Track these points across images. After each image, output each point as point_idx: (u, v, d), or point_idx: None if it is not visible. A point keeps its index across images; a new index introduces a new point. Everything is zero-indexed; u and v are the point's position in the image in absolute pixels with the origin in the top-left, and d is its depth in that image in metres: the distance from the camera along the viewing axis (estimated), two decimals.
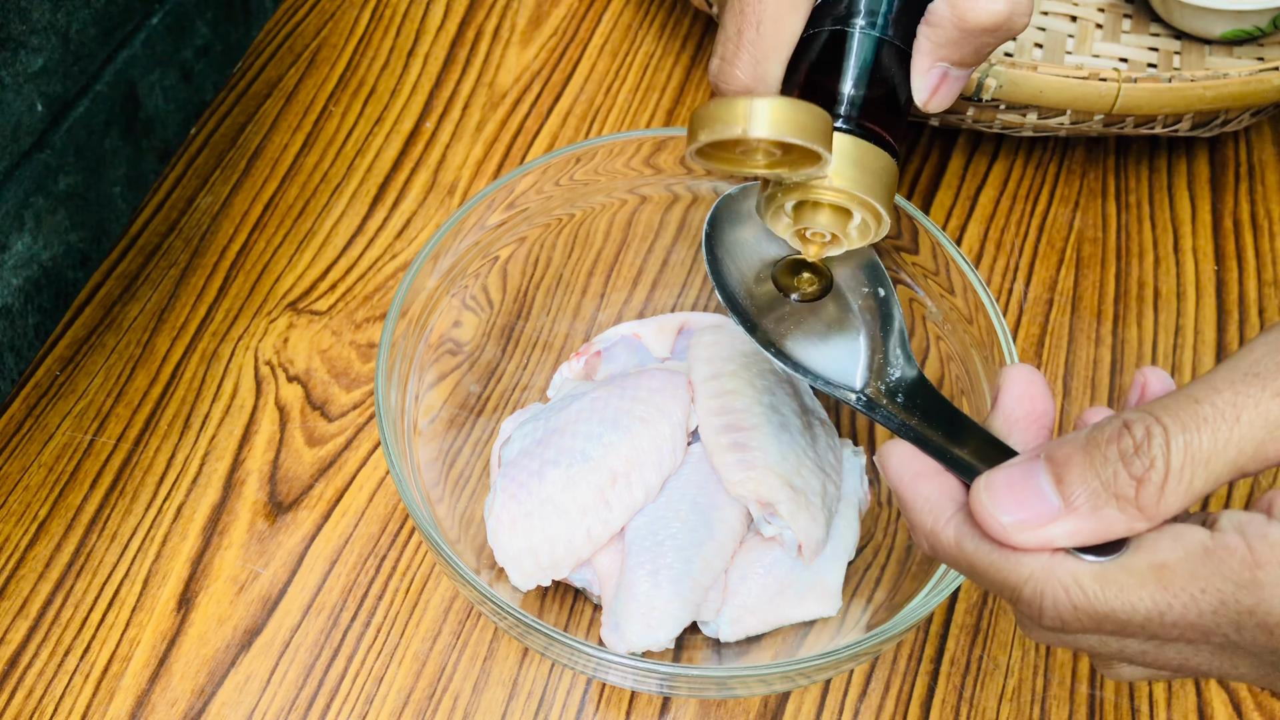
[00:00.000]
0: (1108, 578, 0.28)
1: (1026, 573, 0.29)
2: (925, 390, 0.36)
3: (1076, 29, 0.64)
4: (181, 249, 0.57)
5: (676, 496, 0.44)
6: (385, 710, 0.44)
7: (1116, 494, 0.28)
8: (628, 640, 0.41)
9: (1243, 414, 0.27)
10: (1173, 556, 0.28)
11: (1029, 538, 0.29)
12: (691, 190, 0.50)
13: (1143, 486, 0.27)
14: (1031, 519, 0.29)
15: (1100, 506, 0.28)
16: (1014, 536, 0.29)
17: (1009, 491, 0.29)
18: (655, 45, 0.66)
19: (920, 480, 0.32)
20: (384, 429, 0.41)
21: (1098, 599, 0.28)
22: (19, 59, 0.48)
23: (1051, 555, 0.29)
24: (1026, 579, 0.29)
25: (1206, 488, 0.27)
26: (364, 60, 0.64)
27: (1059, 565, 0.29)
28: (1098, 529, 0.28)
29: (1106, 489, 0.28)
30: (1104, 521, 0.28)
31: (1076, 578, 0.28)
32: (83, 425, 0.51)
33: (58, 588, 0.47)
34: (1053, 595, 0.29)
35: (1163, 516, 0.28)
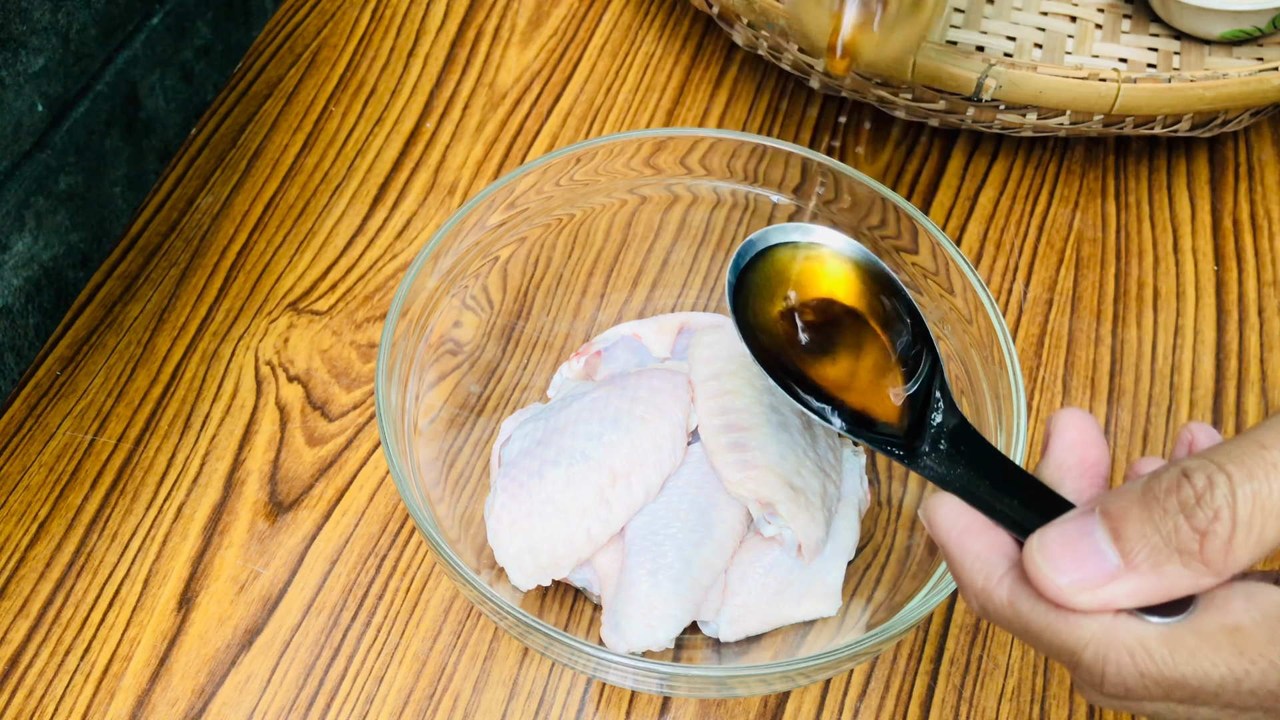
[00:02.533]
0: (1177, 641, 0.26)
1: (1087, 636, 0.27)
2: (969, 437, 0.33)
3: (1076, 29, 0.64)
4: (182, 249, 0.57)
5: (676, 496, 0.44)
6: (385, 710, 0.44)
7: (1179, 549, 0.26)
8: (628, 640, 0.41)
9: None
10: (1247, 618, 0.26)
11: (1088, 599, 0.27)
12: (691, 190, 0.50)
13: (1207, 540, 0.26)
14: (1090, 578, 0.27)
15: (1162, 563, 0.26)
16: (1072, 598, 0.27)
17: (1064, 549, 0.27)
18: (655, 45, 0.66)
19: (969, 536, 0.30)
20: (384, 429, 0.41)
21: (1166, 664, 0.26)
22: (19, 59, 0.48)
23: (1114, 617, 0.27)
24: (1087, 643, 0.27)
25: (1278, 540, 0.26)
26: (364, 60, 0.64)
27: (1122, 628, 0.27)
28: (1161, 587, 0.26)
29: (1168, 544, 0.26)
30: (1167, 579, 0.26)
31: (1142, 641, 0.27)
32: (83, 425, 0.51)
33: (58, 587, 0.47)
34: (1116, 660, 0.27)
35: (1231, 571, 0.26)
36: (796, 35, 0.35)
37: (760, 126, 0.63)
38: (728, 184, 0.49)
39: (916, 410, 0.35)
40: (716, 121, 0.63)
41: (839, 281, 0.38)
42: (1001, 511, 0.30)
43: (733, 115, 0.63)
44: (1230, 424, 0.53)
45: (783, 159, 0.48)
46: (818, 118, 0.63)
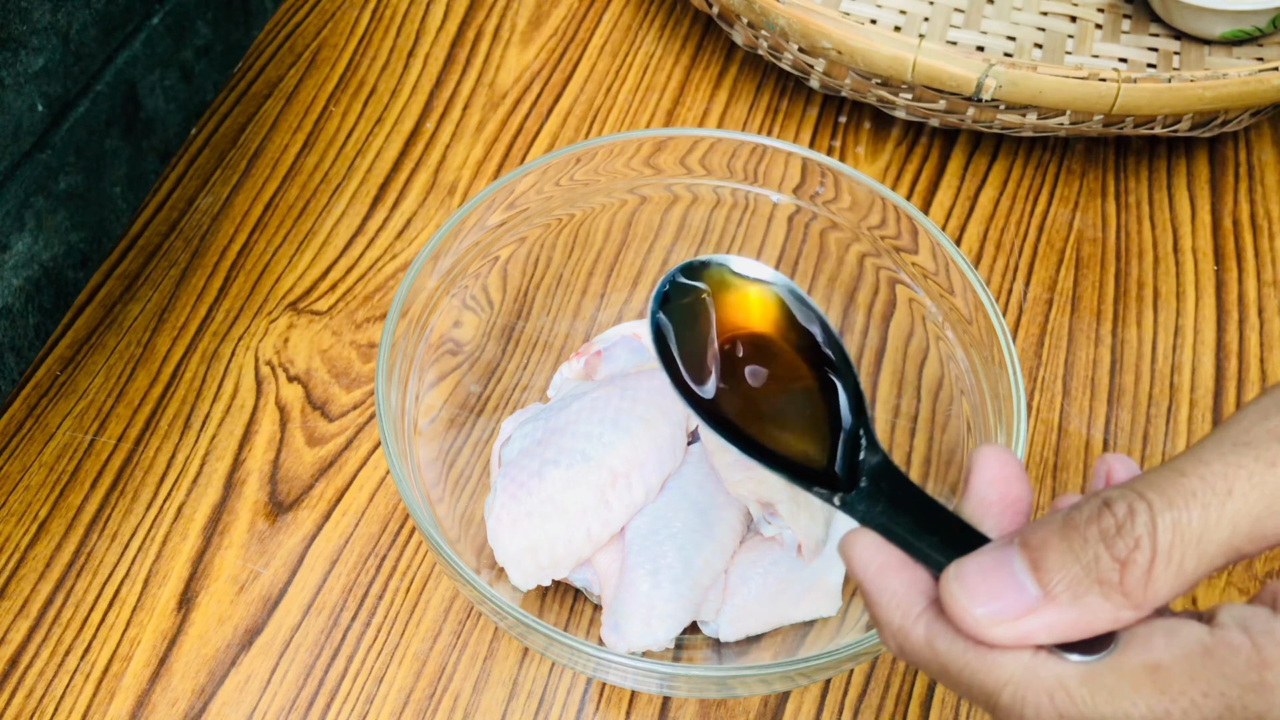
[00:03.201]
0: (1097, 680, 0.25)
1: (1005, 676, 0.26)
2: (890, 475, 0.32)
3: (1076, 29, 0.64)
4: (182, 249, 0.57)
5: (676, 496, 0.44)
6: (385, 710, 0.44)
7: (1099, 579, 0.25)
8: (628, 640, 0.41)
9: (1235, 486, 0.25)
10: (1169, 655, 0.25)
11: (1005, 631, 0.26)
12: (691, 190, 0.50)
13: (1127, 570, 0.25)
14: (1007, 610, 0.26)
15: (1082, 594, 0.25)
16: (988, 631, 0.26)
17: (982, 579, 0.26)
18: (655, 45, 0.66)
19: (886, 573, 0.29)
20: (384, 429, 0.41)
21: (1086, 705, 0.25)
22: (20, 59, 0.48)
23: (1033, 655, 0.26)
24: (1005, 683, 0.26)
25: (1199, 571, 0.25)
26: (364, 60, 0.64)
27: (1041, 667, 0.26)
28: (1080, 621, 0.25)
29: (1088, 574, 0.25)
30: (1087, 611, 0.25)
31: (1062, 681, 0.25)
32: (83, 425, 0.51)
33: (58, 587, 0.47)
34: (1035, 702, 0.26)
35: (1151, 605, 0.25)
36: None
37: (760, 126, 0.63)
38: (728, 184, 0.49)
39: (845, 447, 0.33)
40: (716, 121, 0.63)
41: (763, 315, 0.36)
42: (921, 549, 0.29)
43: (733, 115, 0.63)
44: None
45: (783, 159, 0.48)
46: (818, 118, 0.63)
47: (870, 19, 0.64)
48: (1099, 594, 0.25)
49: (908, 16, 0.65)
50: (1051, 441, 0.52)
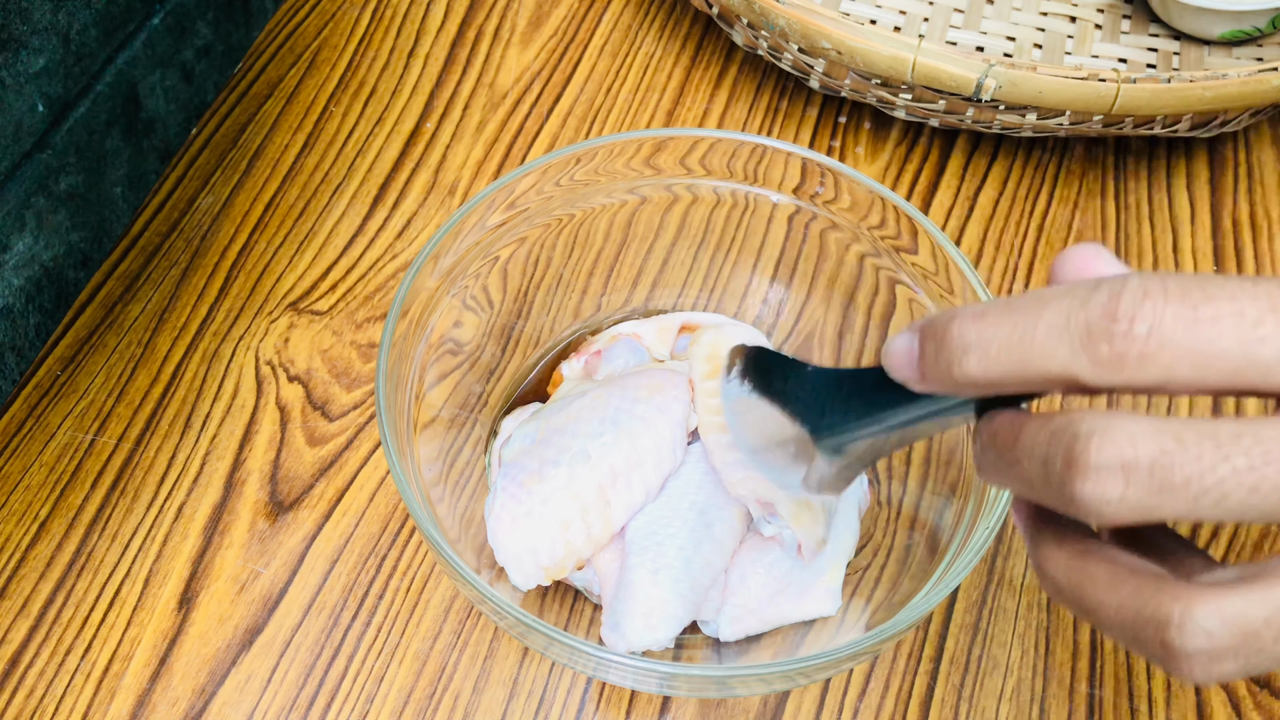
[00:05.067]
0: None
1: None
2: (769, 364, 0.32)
3: (1076, 29, 0.64)
4: (182, 249, 0.57)
5: (676, 496, 0.44)
6: (386, 709, 0.45)
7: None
8: (628, 640, 0.41)
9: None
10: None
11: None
12: (691, 190, 0.50)
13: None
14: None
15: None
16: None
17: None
18: (655, 45, 0.66)
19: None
20: (384, 429, 0.41)
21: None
22: (20, 59, 0.48)
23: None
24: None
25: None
26: (364, 61, 0.65)
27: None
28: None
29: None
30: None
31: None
32: (84, 425, 0.51)
33: (59, 587, 0.47)
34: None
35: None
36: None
37: (760, 126, 0.63)
38: (728, 184, 0.49)
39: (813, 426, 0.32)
40: (716, 121, 0.63)
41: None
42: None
43: (733, 115, 0.63)
44: None
45: (783, 159, 0.48)
46: (818, 118, 0.63)
47: (870, 19, 0.64)
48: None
49: (907, 17, 0.65)
50: None
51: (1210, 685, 0.26)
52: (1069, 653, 0.47)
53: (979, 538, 0.39)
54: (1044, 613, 0.47)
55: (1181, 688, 0.46)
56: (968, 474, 0.44)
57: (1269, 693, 0.46)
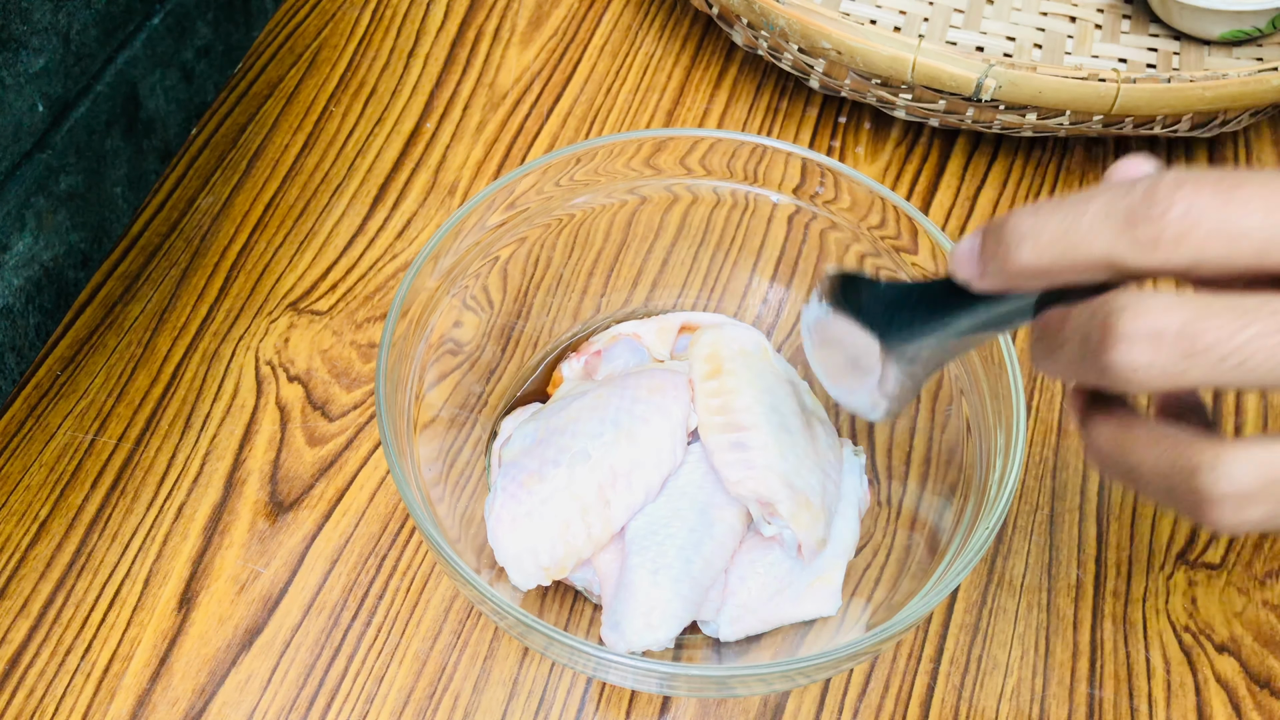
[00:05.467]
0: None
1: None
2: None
3: (1076, 29, 0.64)
4: (182, 249, 0.57)
5: (676, 496, 0.44)
6: (386, 709, 0.45)
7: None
8: (628, 640, 0.41)
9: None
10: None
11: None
12: (691, 190, 0.50)
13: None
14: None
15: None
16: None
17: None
18: (655, 45, 0.66)
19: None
20: (384, 429, 0.41)
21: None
22: (20, 59, 0.48)
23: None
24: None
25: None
26: (364, 61, 0.65)
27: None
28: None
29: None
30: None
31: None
32: (84, 425, 0.51)
33: (59, 587, 0.47)
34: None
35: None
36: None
37: (760, 126, 0.63)
38: (728, 184, 0.49)
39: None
40: (716, 121, 0.63)
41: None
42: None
43: (733, 115, 0.63)
44: (1230, 424, 0.53)
45: (783, 159, 0.48)
46: (817, 118, 0.63)
47: (870, 19, 0.64)
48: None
49: (907, 17, 0.65)
50: (1051, 441, 0.52)
51: (1239, 532, 0.27)
52: (1069, 653, 0.47)
53: (979, 538, 0.39)
54: (1044, 613, 0.47)
55: (1181, 685, 0.46)
56: (967, 474, 0.44)
57: (1269, 692, 0.46)
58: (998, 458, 0.42)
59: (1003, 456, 0.42)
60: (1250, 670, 0.46)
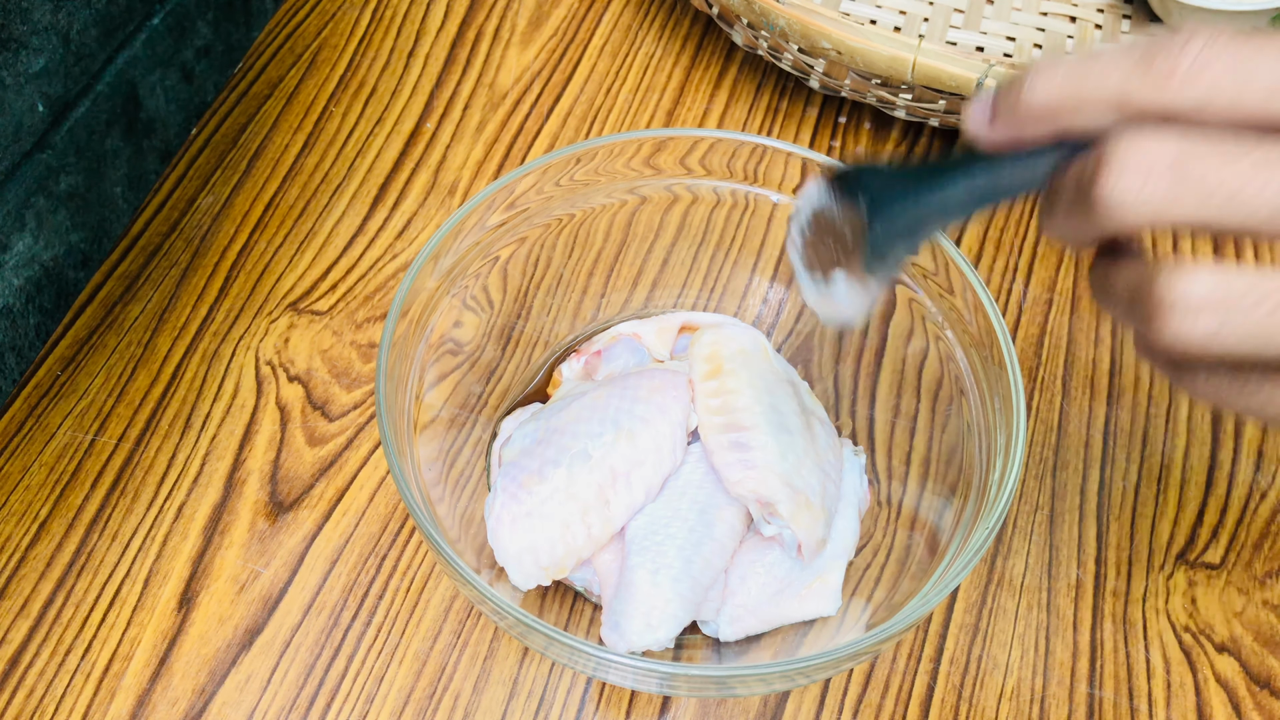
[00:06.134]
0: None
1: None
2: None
3: (1076, 29, 0.64)
4: (182, 249, 0.57)
5: (676, 496, 0.44)
6: (386, 709, 0.45)
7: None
8: (628, 640, 0.41)
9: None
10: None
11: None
12: (691, 190, 0.50)
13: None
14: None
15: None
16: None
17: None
18: (655, 45, 0.66)
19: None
20: (384, 429, 0.41)
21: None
22: (20, 59, 0.48)
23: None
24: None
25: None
26: (365, 61, 0.65)
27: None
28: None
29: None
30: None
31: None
32: (84, 425, 0.51)
33: (59, 587, 0.47)
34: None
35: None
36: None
37: (760, 126, 0.63)
38: (728, 184, 0.49)
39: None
40: (716, 121, 0.63)
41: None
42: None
43: (733, 115, 0.63)
44: (1229, 424, 0.53)
45: (783, 159, 0.48)
46: (818, 118, 0.63)
47: (870, 19, 0.64)
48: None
49: (907, 17, 0.65)
50: (1051, 441, 0.52)
51: (1183, 345, 0.28)
52: (1069, 653, 0.47)
53: (979, 538, 0.39)
54: (1044, 613, 0.47)
55: (1181, 685, 0.46)
56: (967, 474, 0.44)
57: (1269, 692, 0.46)
58: (998, 458, 0.42)
59: (1003, 456, 0.42)
60: (1250, 670, 0.46)
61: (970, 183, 0.32)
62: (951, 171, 0.32)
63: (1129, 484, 0.51)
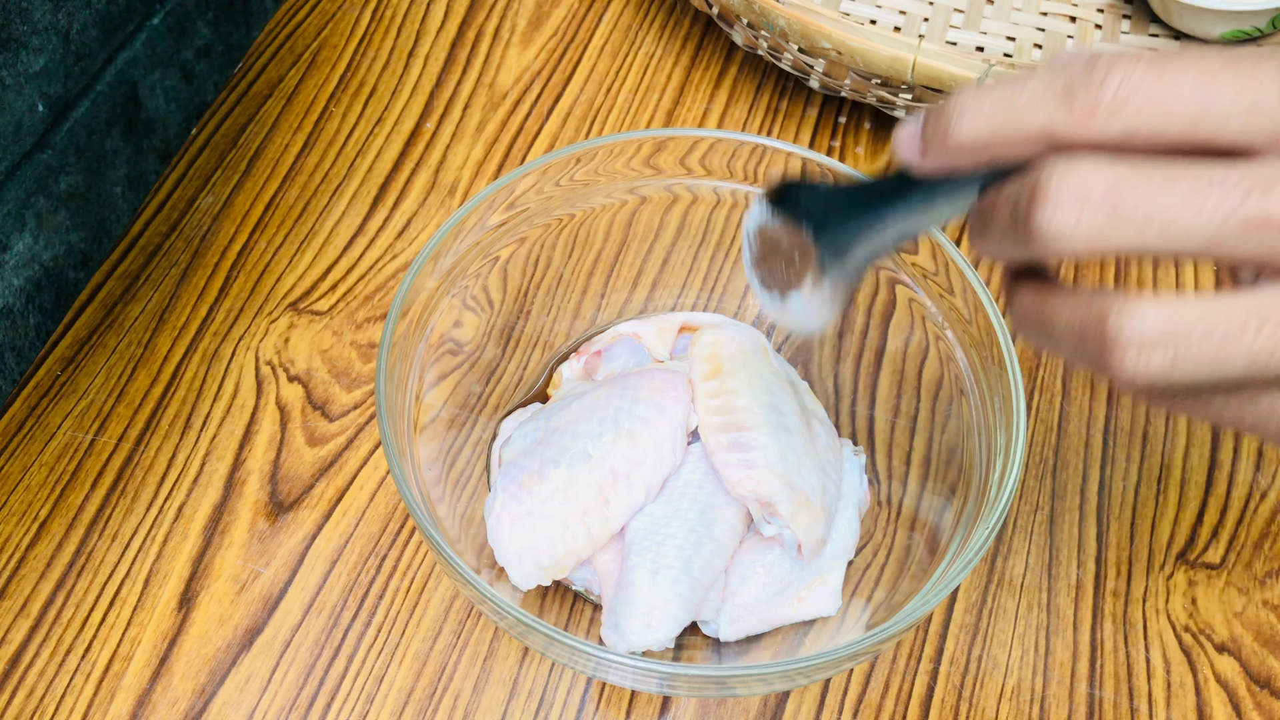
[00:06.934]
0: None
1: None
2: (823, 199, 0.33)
3: (1076, 29, 0.64)
4: (182, 249, 0.57)
5: (676, 496, 0.44)
6: (386, 709, 0.45)
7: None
8: (628, 639, 0.41)
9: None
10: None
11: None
12: (691, 190, 0.50)
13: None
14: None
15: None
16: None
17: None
18: (655, 45, 0.66)
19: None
20: (384, 429, 0.41)
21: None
22: (20, 59, 0.48)
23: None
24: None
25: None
26: (365, 61, 0.65)
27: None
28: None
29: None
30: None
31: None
32: (84, 425, 0.51)
33: (59, 587, 0.47)
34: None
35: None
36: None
37: (760, 126, 0.63)
38: (728, 184, 0.49)
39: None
40: (716, 121, 0.63)
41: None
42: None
43: (733, 115, 0.63)
44: None
45: (783, 159, 0.48)
46: (818, 118, 0.63)
47: (870, 19, 0.64)
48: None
49: (908, 17, 0.65)
50: (1051, 441, 0.52)
51: (1141, 382, 0.28)
52: (1069, 653, 0.47)
53: (979, 538, 0.39)
54: (1044, 612, 0.47)
55: (1181, 685, 0.46)
56: (967, 474, 0.44)
57: (1269, 692, 0.46)
58: (998, 458, 0.42)
59: (1003, 456, 0.42)
60: (1250, 670, 0.46)
61: (909, 209, 0.32)
62: (891, 197, 0.32)
63: (1129, 484, 0.51)
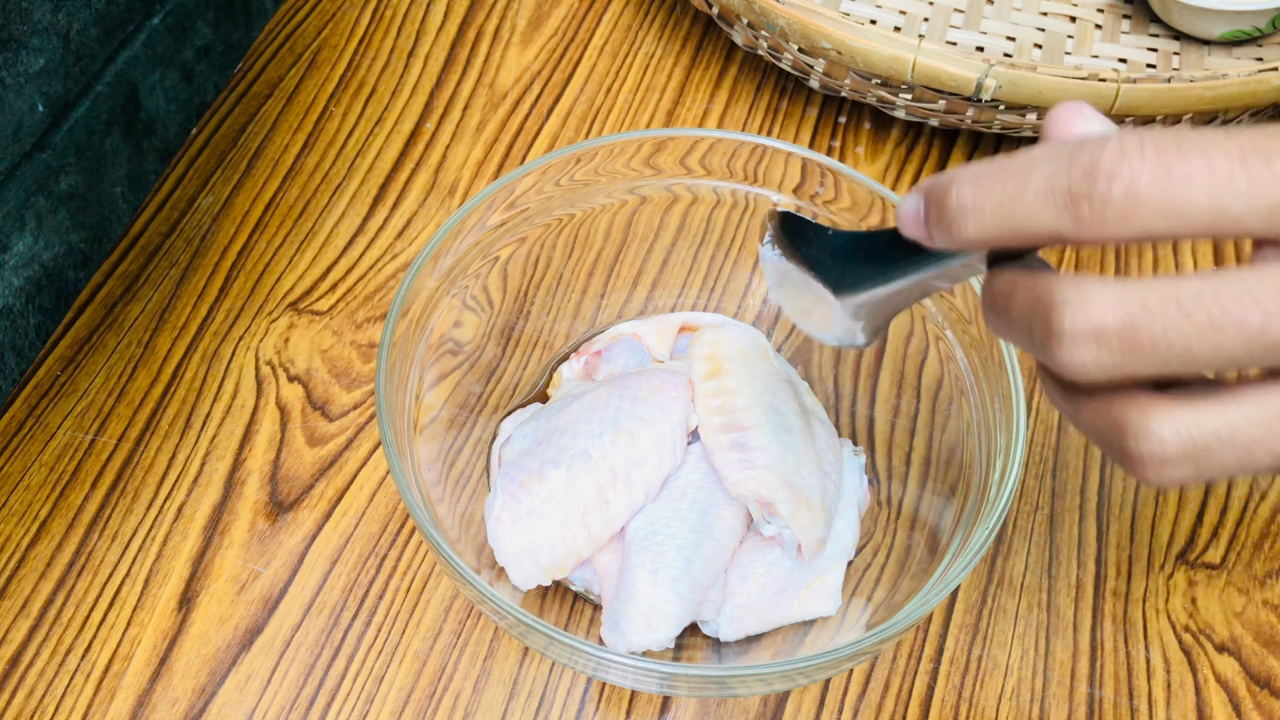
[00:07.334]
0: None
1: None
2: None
3: (1076, 29, 0.64)
4: (182, 249, 0.57)
5: (677, 496, 0.44)
6: (386, 709, 0.45)
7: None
8: (628, 639, 0.41)
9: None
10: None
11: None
12: (691, 190, 0.50)
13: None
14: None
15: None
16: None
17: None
18: (655, 45, 0.66)
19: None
20: (384, 429, 0.41)
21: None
22: (20, 59, 0.48)
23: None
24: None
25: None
26: (365, 61, 0.65)
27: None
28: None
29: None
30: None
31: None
32: (84, 425, 0.51)
33: (59, 587, 0.47)
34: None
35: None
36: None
37: (760, 126, 0.63)
38: (728, 184, 0.49)
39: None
40: (716, 121, 0.63)
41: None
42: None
43: (733, 115, 0.63)
44: None
45: (783, 159, 0.48)
46: (817, 118, 0.63)
47: (870, 19, 0.64)
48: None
49: (907, 17, 0.65)
50: (1051, 441, 0.52)
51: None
52: (1069, 653, 0.47)
53: (979, 538, 0.39)
54: (1044, 613, 0.47)
55: (1181, 685, 0.46)
56: (967, 474, 0.44)
57: (1269, 692, 0.46)
58: (998, 458, 0.42)
59: (1003, 456, 0.42)
60: (1250, 670, 0.46)
61: (923, 274, 0.31)
62: (910, 255, 0.31)
63: (1129, 484, 0.51)
